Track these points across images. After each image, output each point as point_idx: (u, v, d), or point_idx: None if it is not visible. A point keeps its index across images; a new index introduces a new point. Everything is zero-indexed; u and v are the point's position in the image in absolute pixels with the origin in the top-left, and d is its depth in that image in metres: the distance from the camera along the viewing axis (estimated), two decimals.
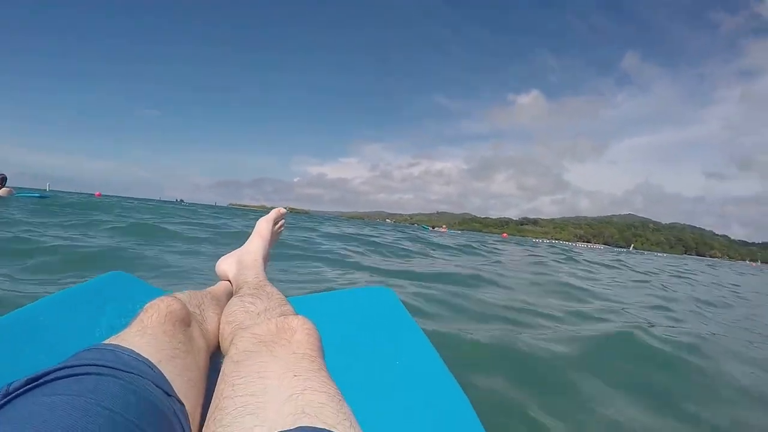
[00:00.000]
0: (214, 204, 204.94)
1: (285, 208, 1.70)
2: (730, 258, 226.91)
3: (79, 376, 0.59)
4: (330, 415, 0.60)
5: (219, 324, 1.02)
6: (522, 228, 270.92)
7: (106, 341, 0.71)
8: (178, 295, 1.00)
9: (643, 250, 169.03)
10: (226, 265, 1.43)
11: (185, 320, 0.86)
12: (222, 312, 1.06)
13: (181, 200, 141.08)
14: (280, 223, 1.69)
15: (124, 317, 0.88)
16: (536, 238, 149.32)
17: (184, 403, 0.69)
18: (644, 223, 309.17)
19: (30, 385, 0.56)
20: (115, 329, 0.79)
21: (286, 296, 1.18)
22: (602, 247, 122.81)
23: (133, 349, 0.69)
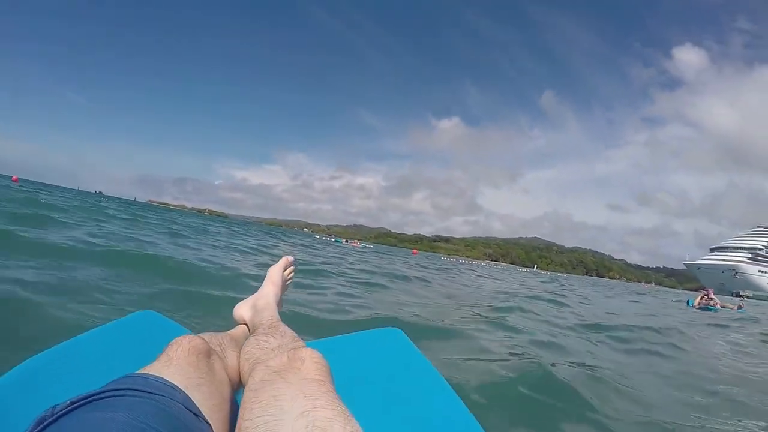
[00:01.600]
0: (133, 199, 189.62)
1: (291, 257, 1.79)
2: (627, 279, 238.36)
3: (117, 398, 0.67)
4: (338, 428, 0.68)
5: (238, 361, 1.08)
6: (434, 245, 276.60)
7: (137, 372, 0.79)
8: (201, 334, 1.05)
9: (547, 270, 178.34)
10: (243, 310, 1.48)
11: (207, 354, 0.93)
12: (240, 350, 1.13)
13: (100, 192, 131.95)
14: (289, 270, 1.77)
15: (154, 355, 0.90)
16: (447, 254, 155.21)
17: (210, 424, 0.78)
18: (549, 246, 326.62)
19: (73, 406, 0.64)
20: (143, 365, 0.84)
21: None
22: (506, 266, 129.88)
23: (162, 376, 0.78)
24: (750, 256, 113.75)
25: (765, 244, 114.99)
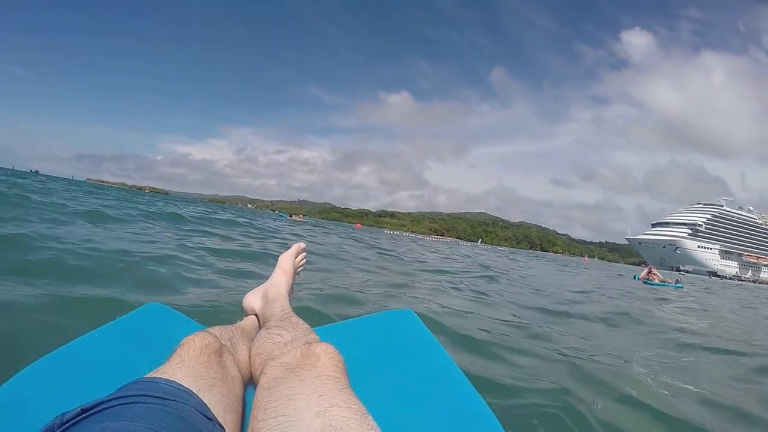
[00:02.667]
0: (71, 178, 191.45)
1: (303, 243, 1.77)
2: (571, 254, 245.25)
3: (128, 405, 0.66)
4: (355, 427, 0.69)
5: (250, 356, 1.08)
6: (380, 220, 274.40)
7: (149, 375, 0.79)
8: (211, 330, 1.06)
9: (493, 244, 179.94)
10: (253, 300, 1.47)
11: (219, 352, 0.93)
12: (252, 344, 1.13)
13: (37, 171, 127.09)
14: (301, 256, 1.75)
15: (164, 349, 0.93)
16: (392, 229, 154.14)
17: (224, 427, 0.76)
18: (495, 221, 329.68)
19: (84, 415, 0.63)
20: (156, 360, 0.88)
21: (311, 326, 1.24)
22: (447, 239, 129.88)
23: (174, 380, 0.77)
24: (690, 231, 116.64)
25: (704, 220, 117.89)
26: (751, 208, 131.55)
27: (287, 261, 1.65)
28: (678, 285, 17.37)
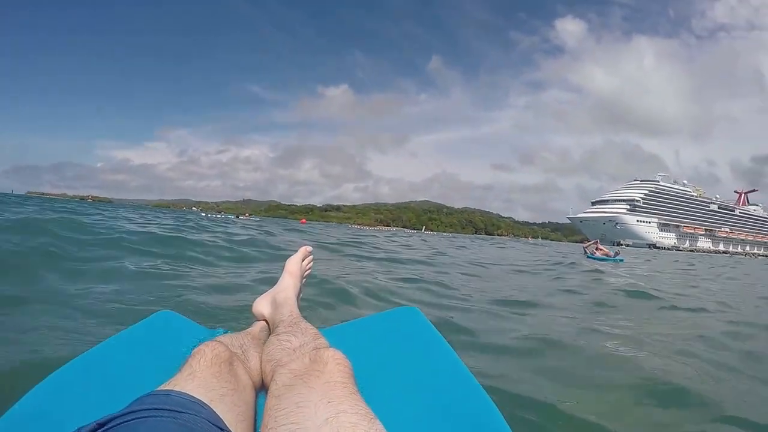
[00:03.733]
0: (11, 192, 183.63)
1: (309, 246, 1.79)
2: (515, 236, 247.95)
3: (141, 419, 0.67)
4: None
5: (260, 362, 1.10)
6: (325, 214, 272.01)
7: (161, 387, 0.81)
8: (221, 338, 1.09)
9: (438, 231, 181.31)
10: (262, 305, 1.49)
11: (230, 361, 0.95)
12: (262, 350, 1.15)
13: None
14: (308, 260, 1.77)
15: (176, 357, 0.96)
16: (339, 223, 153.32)
17: None
18: (439, 208, 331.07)
19: (99, 430, 0.65)
20: (168, 369, 0.90)
21: (318, 327, 1.27)
22: (394, 229, 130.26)
23: (186, 392, 0.79)
24: (629, 207, 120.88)
25: (642, 196, 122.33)
26: (685, 182, 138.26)
27: (294, 265, 1.66)
28: (618, 258, 18.47)
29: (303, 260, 1.72)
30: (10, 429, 0.85)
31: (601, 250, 19.69)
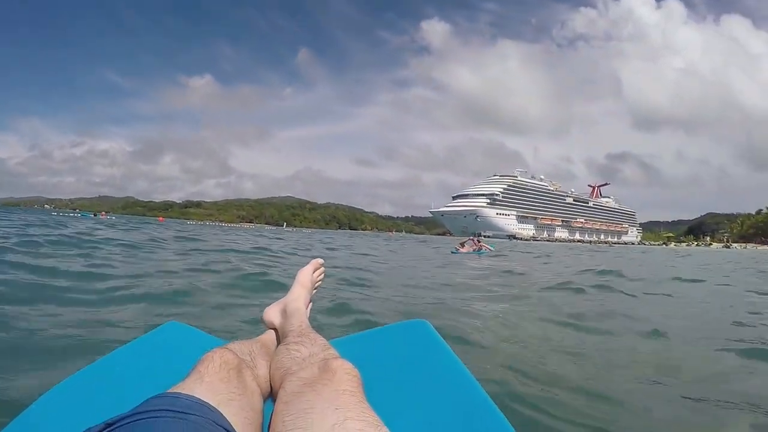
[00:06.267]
0: None
1: (321, 259, 1.79)
2: (379, 230, 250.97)
3: (149, 419, 0.68)
4: None
5: (269, 370, 1.11)
6: (186, 211, 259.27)
7: (169, 390, 0.81)
8: (230, 345, 1.10)
9: (301, 227, 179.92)
10: (272, 314, 1.50)
11: (238, 367, 0.95)
12: (271, 359, 1.16)
13: None
14: (319, 272, 1.76)
15: (185, 366, 0.95)
16: (199, 220, 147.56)
17: None
18: (302, 203, 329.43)
19: (107, 429, 0.67)
20: (177, 378, 0.89)
21: (328, 338, 1.26)
22: (254, 226, 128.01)
23: (194, 394, 0.79)
24: (489, 201, 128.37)
25: (501, 190, 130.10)
26: (542, 176, 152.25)
27: (306, 276, 1.67)
28: (481, 252, 20.08)
29: (314, 272, 1.72)
30: None
31: (476, 245, 20.46)
